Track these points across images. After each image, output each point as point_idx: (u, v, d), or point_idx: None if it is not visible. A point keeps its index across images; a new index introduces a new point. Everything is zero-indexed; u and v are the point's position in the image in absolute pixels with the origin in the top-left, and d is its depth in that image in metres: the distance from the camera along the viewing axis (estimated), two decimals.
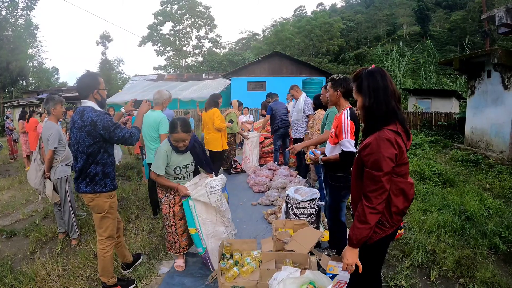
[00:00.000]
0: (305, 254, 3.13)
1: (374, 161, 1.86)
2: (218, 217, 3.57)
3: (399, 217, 2.03)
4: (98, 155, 2.89)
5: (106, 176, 2.96)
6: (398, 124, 1.95)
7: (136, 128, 3.12)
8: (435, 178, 6.90)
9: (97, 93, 2.98)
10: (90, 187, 2.91)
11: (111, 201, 3.03)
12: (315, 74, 21.45)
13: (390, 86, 1.97)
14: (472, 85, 10.75)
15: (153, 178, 3.37)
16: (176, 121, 3.24)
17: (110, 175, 3.00)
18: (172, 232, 3.47)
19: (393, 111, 1.95)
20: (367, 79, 2.00)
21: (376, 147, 1.87)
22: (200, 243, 3.39)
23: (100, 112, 2.87)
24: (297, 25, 41.92)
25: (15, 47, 30.16)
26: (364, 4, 63.32)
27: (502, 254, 3.89)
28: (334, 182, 3.41)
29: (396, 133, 1.90)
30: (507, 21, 8.49)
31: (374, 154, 1.86)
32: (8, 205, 6.06)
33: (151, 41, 49.38)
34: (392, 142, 1.87)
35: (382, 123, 1.93)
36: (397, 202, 1.98)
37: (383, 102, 1.94)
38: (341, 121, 3.19)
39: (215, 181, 3.44)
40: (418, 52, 37.38)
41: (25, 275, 3.45)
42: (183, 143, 3.28)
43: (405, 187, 1.99)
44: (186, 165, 3.45)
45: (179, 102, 22.97)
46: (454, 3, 51.72)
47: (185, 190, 3.29)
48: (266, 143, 8.73)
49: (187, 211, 3.33)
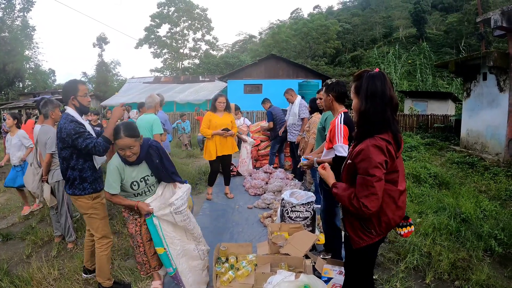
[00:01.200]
0: (300, 258, 3.13)
1: (366, 167, 1.88)
2: (187, 234, 3.13)
3: (389, 226, 2.05)
4: (71, 160, 2.97)
5: (84, 180, 3.03)
6: (390, 133, 1.96)
7: (104, 138, 2.90)
8: (431, 180, 6.92)
9: (75, 100, 3.03)
10: (71, 190, 3.05)
11: (93, 202, 3.08)
12: (311, 77, 21.49)
13: (388, 94, 1.96)
14: (468, 88, 10.81)
15: (108, 199, 2.91)
16: (119, 125, 2.78)
17: (88, 179, 3.06)
18: (140, 253, 3.08)
19: (387, 121, 1.95)
20: (367, 82, 2.00)
21: (367, 153, 1.88)
22: (169, 263, 2.98)
23: (68, 119, 2.93)
24: (294, 27, 41.93)
25: (12, 48, 29.97)
26: (360, 7, 63.47)
27: (497, 256, 3.91)
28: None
29: (387, 142, 1.91)
30: (502, 24, 8.54)
31: (366, 160, 1.88)
32: (4, 208, 6.03)
33: (148, 43, 49.33)
34: (383, 149, 1.89)
35: (375, 130, 1.94)
36: (388, 212, 1.99)
37: (379, 110, 1.94)
38: (334, 126, 3.22)
39: (180, 199, 2.92)
40: (414, 54, 37.53)
41: (21, 278, 3.44)
42: (130, 151, 2.74)
43: (395, 195, 2.01)
44: (144, 177, 2.95)
45: (175, 104, 22.96)
46: (450, 6, 51.96)
47: (146, 207, 2.85)
48: (262, 146, 8.73)
49: (152, 230, 2.91)
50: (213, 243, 4.15)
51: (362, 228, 2.03)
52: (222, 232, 4.74)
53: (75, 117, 2.98)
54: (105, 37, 45.98)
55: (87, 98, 3.13)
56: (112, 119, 3.02)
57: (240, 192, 6.75)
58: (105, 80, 44.32)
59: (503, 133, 8.87)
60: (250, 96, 21.51)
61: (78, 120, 2.98)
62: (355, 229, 2.07)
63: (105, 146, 2.89)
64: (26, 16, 33.27)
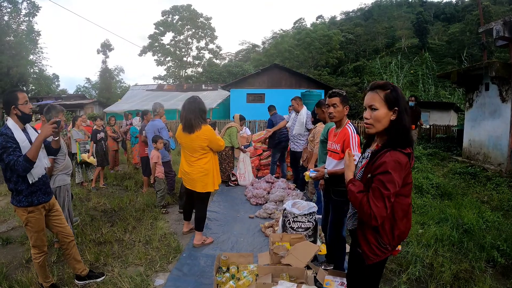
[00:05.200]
0: (301, 268, 3.12)
1: (384, 181, 1.86)
2: None
3: (401, 239, 2.06)
4: (6, 172, 2.99)
5: (19, 193, 3.04)
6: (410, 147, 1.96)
7: (25, 158, 2.84)
8: (433, 191, 6.89)
9: (16, 109, 3.01)
10: (11, 199, 3.12)
11: (28, 215, 3.09)
12: (313, 87, 21.53)
13: (407, 108, 2.00)
14: (470, 98, 10.81)
15: None
16: None
17: (24, 192, 3.03)
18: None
19: (410, 135, 1.97)
20: (398, 92, 2.00)
21: (390, 167, 1.86)
22: None
23: (1, 131, 2.94)
24: (297, 37, 42.22)
25: (16, 53, 30.19)
26: (363, 17, 63.95)
27: (500, 267, 3.87)
28: (338, 197, 3.40)
29: (408, 156, 1.92)
30: (504, 34, 8.57)
31: (386, 174, 1.86)
32: (4, 212, 6.02)
33: (152, 51, 49.71)
34: (404, 165, 1.88)
35: (403, 143, 1.93)
36: (401, 225, 2.00)
37: (408, 123, 1.96)
38: (348, 136, 3.22)
39: None
40: (416, 64, 37.70)
41: (20, 283, 3.44)
42: None
43: (407, 209, 2.02)
44: None
45: (178, 113, 23.03)
46: (452, 16, 52.31)
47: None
48: (264, 156, 8.74)
49: None
50: (214, 253, 4.16)
51: (378, 244, 2.01)
52: (223, 241, 4.72)
53: (9, 130, 2.94)
54: (109, 43, 46.57)
55: (28, 105, 3.07)
56: (38, 137, 2.94)
57: (242, 201, 6.73)
58: (109, 87, 44.66)
59: (506, 143, 8.85)
60: (252, 106, 21.54)
61: (8, 133, 2.91)
62: (370, 245, 2.03)
63: (24, 166, 2.81)
64: (32, 21, 33.55)
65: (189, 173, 4.37)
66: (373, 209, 1.86)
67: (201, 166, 4.33)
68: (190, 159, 4.36)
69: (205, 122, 4.35)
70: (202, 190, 4.38)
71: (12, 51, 29.91)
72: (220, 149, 4.48)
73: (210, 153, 4.38)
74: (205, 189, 4.38)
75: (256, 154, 8.79)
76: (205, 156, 4.34)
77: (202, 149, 4.30)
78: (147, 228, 5.06)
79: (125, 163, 10.88)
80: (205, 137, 4.22)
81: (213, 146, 4.33)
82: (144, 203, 6.20)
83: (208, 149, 4.33)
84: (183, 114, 4.33)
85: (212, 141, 4.29)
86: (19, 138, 2.94)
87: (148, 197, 6.57)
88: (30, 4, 32.56)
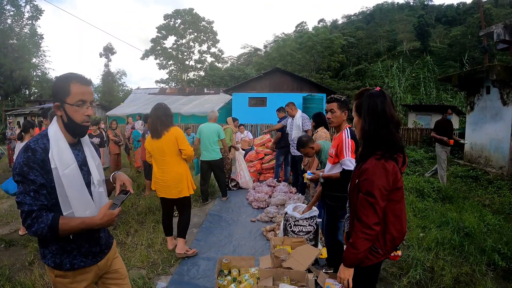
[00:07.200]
0: (302, 272, 3.13)
1: (368, 189, 1.89)
2: None
3: (394, 245, 2.06)
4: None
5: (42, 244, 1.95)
6: (399, 152, 1.98)
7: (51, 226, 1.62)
8: (434, 194, 6.90)
9: (60, 109, 2.76)
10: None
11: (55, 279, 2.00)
12: (315, 91, 21.52)
13: (389, 112, 1.98)
14: (471, 101, 10.82)
15: None
16: None
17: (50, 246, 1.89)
18: None
19: (395, 140, 1.97)
20: (368, 101, 2.02)
21: (371, 174, 1.90)
22: None
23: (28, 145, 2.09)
24: (299, 41, 42.31)
25: (19, 56, 30.43)
26: (364, 21, 64.12)
27: (501, 271, 3.88)
28: (332, 202, 3.45)
29: (395, 161, 1.94)
30: (505, 37, 8.60)
31: (369, 182, 1.89)
32: (7, 214, 6.07)
33: (154, 54, 49.94)
34: (388, 170, 1.90)
35: (382, 149, 1.95)
36: (393, 230, 2.01)
37: (382, 129, 1.96)
38: (341, 140, 3.24)
39: None
40: (418, 68, 37.67)
41: (23, 285, 3.46)
42: None
43: (399, 214, 2.03)
44: None
45: (180, 116, 23.08)
46: (454, 19, 52.34)
47: None
48: (266, 160, 8.76)
49: None
50: (216, 256, 4.18)
51: (370, 248, 2.03)
52: (224, 244, 4.75)
53: (46, 141, 1.76)
54: (111, 47, 46.63)
55: (85, 110, 1.84)
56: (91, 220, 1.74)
57: (243, 205, 6.76)
58: (111, 90, 44.73)
59: (507, 146, 8.85)
60: (254, 110, 21.54)
61: (38, 149, 1.70)
62: None
63: (44, 234, 1.63)
64: (35, 24, 33.91)
65: (163, 180, 4.26)
66: (364, 220, 1.90)
67: (174, 170, 4.23)
68: (163, 164, 4.25)
69: (172, 124, 4.27)
70: (178, 195, 4.27)
71: (15, 54, 30.17)
72: (190, 154, 4.31)
73: (180, 157, 4.28)
74: (181, 194, 4.28)
75: (258, 158, 8.81)
76: (177, 160, 4.26)
77: (173, 152, 4.21)
78: (149, 231, 5.08)
79: (128, 166, 10.92)
80: (173, 136, 4.15)
81: (184, 147, 4.19)
82: (146, 206, 6.22)
83: (178, 152, 4.23)
84: (149, 121, 4.32)
85: (180, 140, 4.18)
86: (60, 159, 1.73)
87: (150, 200, 6.59)
88: (33, 7, 32.98)
